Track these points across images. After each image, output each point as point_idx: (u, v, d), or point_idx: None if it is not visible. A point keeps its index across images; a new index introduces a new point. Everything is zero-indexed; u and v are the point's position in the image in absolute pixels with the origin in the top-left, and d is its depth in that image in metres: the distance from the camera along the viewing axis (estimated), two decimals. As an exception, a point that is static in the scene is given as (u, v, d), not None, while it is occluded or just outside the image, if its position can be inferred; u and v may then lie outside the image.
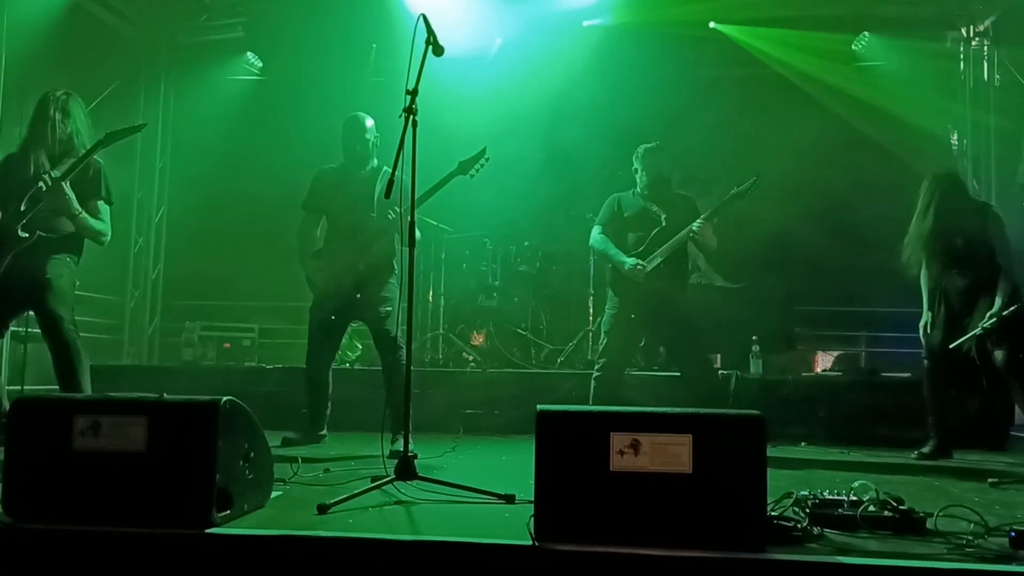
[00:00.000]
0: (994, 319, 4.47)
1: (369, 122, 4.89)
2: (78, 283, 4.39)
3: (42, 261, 4.20)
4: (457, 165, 4.55)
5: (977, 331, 4.51)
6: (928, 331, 4.88)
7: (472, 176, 4.54)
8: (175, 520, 2.57)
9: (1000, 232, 4.68)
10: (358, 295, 4.75)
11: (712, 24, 7.84)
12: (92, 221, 4.30)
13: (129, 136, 4.31)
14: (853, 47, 7.77)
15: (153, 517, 2.59)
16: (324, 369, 4.95)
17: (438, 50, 3.56)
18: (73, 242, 4.34)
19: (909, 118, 7.32)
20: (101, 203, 4.36)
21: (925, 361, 4.91)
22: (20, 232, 4.14)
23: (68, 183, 4.17)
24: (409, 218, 3.47)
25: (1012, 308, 4.46)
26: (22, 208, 4.16)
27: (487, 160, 4.52)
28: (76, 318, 4.32)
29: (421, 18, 3.52)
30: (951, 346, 4.59)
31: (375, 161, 4.92)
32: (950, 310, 4.77)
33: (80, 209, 4.23)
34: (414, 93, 3.49)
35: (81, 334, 4.32)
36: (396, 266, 4.86)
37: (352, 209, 4.81)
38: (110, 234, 4.42)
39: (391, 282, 4.83)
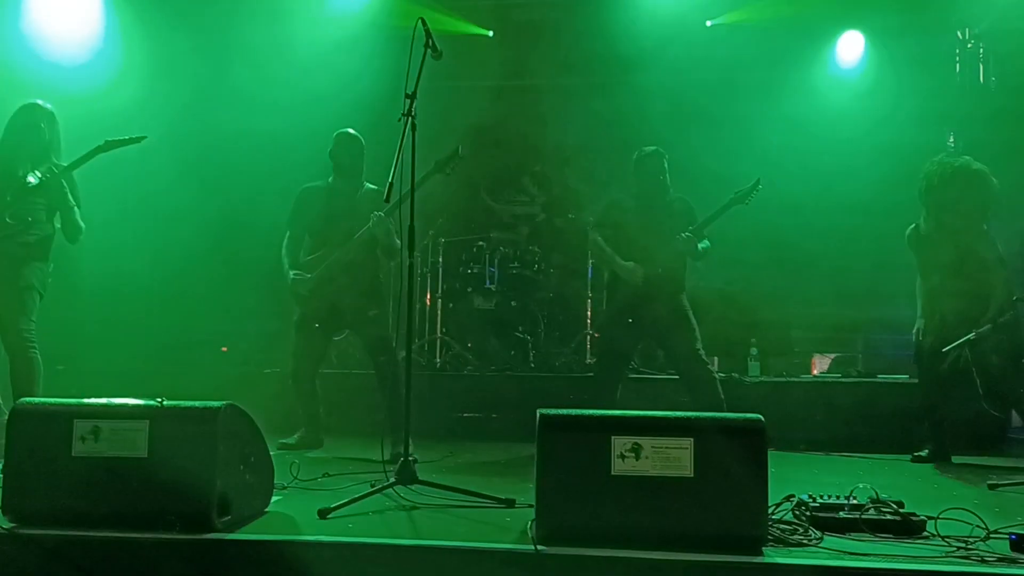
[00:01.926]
0: (988, 325, 4.46)
1: (362, 141, 4.94)
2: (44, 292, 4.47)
3: (19, 264, 4.31)
4: (433, 164, 4.52)
5: (971, 336, 4.50)
6: (921, 337, 4.88)
7: (447, 174, 4.52)
8: (176, 525, 2.56)
9: (989, 243, 4.64)
10: (343, 302, 4.78)
11: (708, 23, 7.86)
12: (80, 217, 4.44)
13: (127, 146, 4.41)
14: (846, 48, 7.78)
15: (153, 522, 2.58)
16: (310, 380, 4.96)
17: (436, 53, 3.57)
18: (49, 244, 4.46)
19: (905, 120, 7.32)
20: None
21: (919, 366, 4.91)
22: (7, 219, 4.25)
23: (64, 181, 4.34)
24: (410, 223, 3.48)
25: (1005, 316, 4.46)
26: (8, 199, 4.27)
27: (461, 158, 4.50)
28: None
29: (420, 21, 3.52)
30: (944, 350, 4.58)
31: (360, 178, 4.95)
32: (943, 315, 4.77)
33: (74, 202, 4.39)
34: (412, 97, 3.49)
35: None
36: (380, 277, 4.89)
37: (335, 226, 4.83)
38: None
39: (375, 285, 4.85)
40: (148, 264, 8.50)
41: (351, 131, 4.95)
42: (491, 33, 8.11)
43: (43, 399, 2.98)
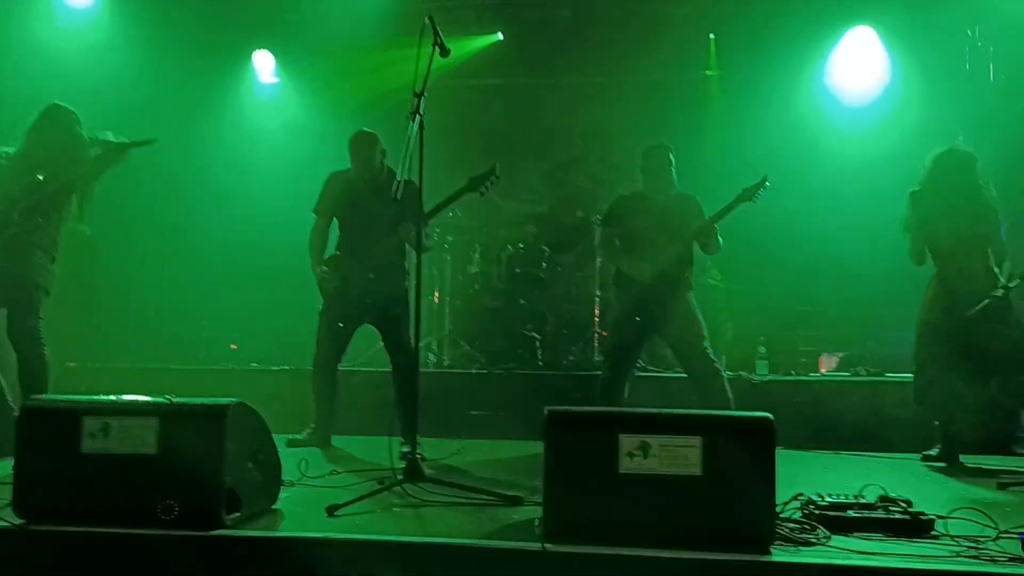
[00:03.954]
0: (1005, 287, 4.38)
1: (377, 140, 4.89)
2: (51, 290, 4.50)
3: (26, 264, 4.35)
4: (467, 182, 4.51)
5: (987, 301, 4.40)
6: (927, 313, 4.77)
7: (482, 193, 4.50)
8: (185, 522, 2.57)
9: (998, 226, 4.61)
10: (368, 299, 4.76)
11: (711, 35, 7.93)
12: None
13: (139, 148, 4.45)
14: (853, 46, 7.75)
15: (162, 518, 2.59)
16: (331, 372, 4.96)
17: (444, 52, 3.57)
18: (56, 242, 4.50)
19: (914, 118, 7.29)
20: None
21: (922, 347, 4.81)
22: (15, 216, 4.29)
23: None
24: (418, 226, 3.48)
25: (1016, 282, 4.35)
26: (17, 196, 4.31)
27: (497, 177, 4.48)
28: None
29: (428, 20, 3.52)
30: (967, 314, 4.48)
31: (382, 169, 4.94)
32: (954, 289, 4.69)
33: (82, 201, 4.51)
34: (420, 95, 3.49)
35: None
36: (406, 269, 4.87)
37: (363, 213, 4.82)
38: None
39: (402, 285, 4.84)
40: (159, 262, 8.54)
41: (363, 130, 4.91)
42: (500, 35, 8.12)
43: (53, 396, 2.99)
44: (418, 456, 3.38)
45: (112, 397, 2.85)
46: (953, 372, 4.68)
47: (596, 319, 7.09)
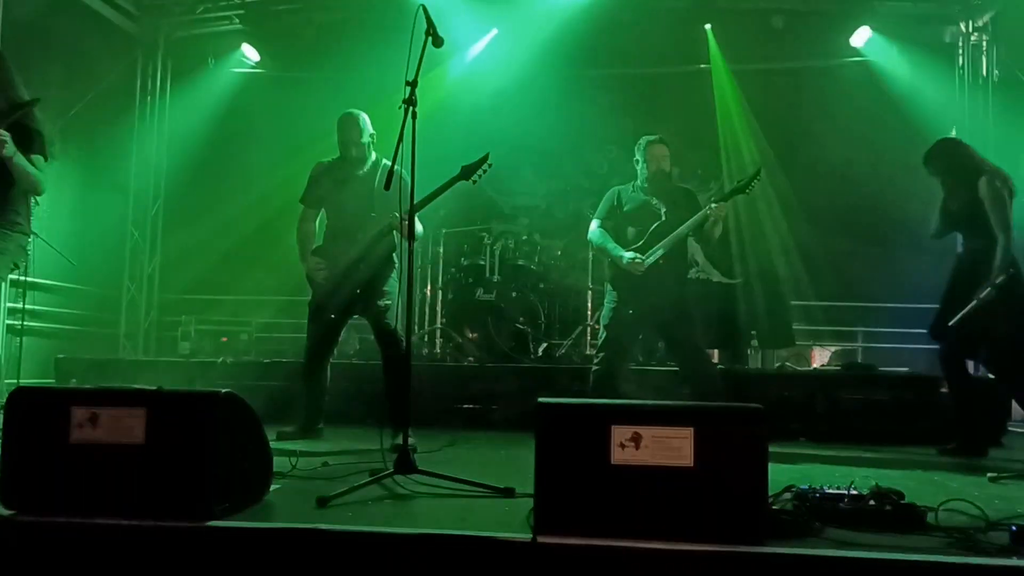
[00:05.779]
0: (988, 289, 4.37)
1: (364, 120, 4.86)
2: (18, 264, 3.92)
3: None
4: (460, 170, 4.48)
5: (975, 303, 4.40)
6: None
7: (475, 182, 4.47)
8: (174, 513, 2.55)
9: (992, 197, 4.50)
10: (358, 290, 4.74)
11: (707, 26, 7.89)
12: (29, 166, 3.75)
13: (28, 109, 3.77)
14: (851, 42, 7.76)
15: (152, 510, 2.58)
16: (322, 363, 4.95)
17: (438, 41, 3.55)
18: (17, 208, 3.85)
19: (907, 113, 7.31)
20: (38, 157, 3.83)
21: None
22: None
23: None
24: (408, 212, 3.46)
25: (1002, 277, 4.34)
26: None
27: (490, 166, 4.45)
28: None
29: (421, 9, 3.50)
30: (950, 323, 4.48)
31: (373, 155, 4.91)
32: (952, 285, 4.68)
33: (15, 150, 3.67)
34: (414, 84, 3.48)
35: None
36: (396, 260, 4.86)
37: (351, 203, 4.80)
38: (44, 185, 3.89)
39: (391, 276, 4.83)
40: (150, 254, 8.51)
41: (351, 112, 4.89)
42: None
43: (41, 385, 2.97)
44: (410, 448, 3.37)
45: (101, 387, 2.82)
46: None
47: (589, 312, 7.10)
